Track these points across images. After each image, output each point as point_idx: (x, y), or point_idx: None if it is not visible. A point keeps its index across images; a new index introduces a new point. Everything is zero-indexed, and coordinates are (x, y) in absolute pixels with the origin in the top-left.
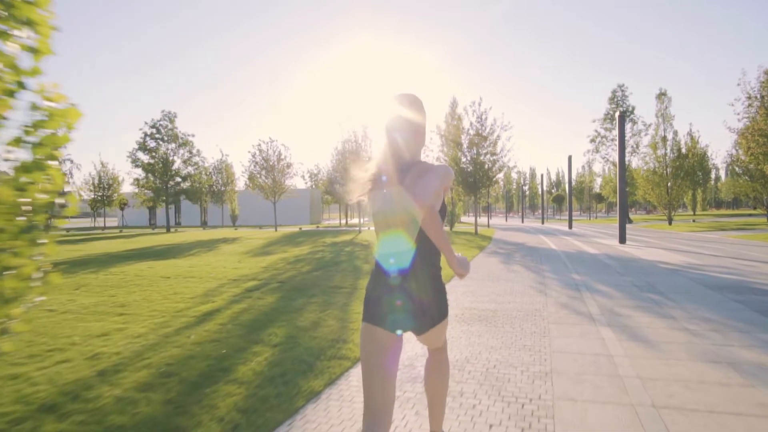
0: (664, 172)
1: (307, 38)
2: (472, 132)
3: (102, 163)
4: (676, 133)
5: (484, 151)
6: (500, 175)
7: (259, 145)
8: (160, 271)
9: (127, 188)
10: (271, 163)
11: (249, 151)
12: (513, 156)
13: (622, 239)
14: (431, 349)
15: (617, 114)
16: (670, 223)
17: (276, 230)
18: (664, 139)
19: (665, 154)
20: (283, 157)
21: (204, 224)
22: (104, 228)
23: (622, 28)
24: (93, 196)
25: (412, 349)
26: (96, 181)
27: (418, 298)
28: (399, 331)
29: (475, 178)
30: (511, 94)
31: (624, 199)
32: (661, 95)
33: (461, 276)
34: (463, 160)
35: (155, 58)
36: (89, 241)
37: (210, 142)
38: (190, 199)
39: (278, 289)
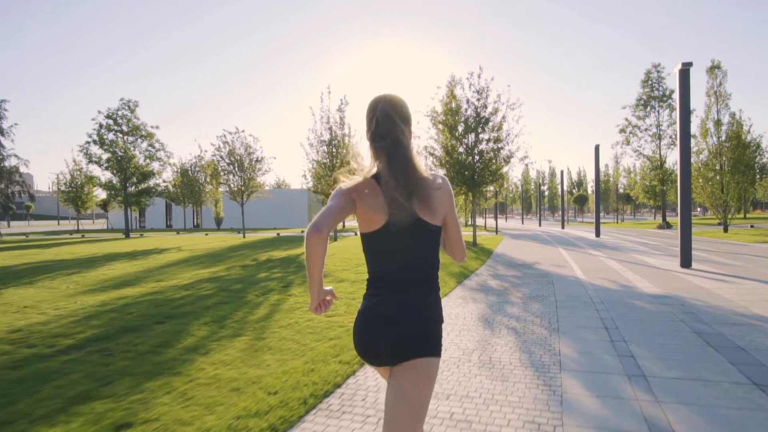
0: (719, 164)
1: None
2: (470, 111)
3: (75, 161)
4: (733, 115)
5: (486, 137)
6: (506, 168)
7: (224, 136)
8: None
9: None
10: (237, 158)
11: (212, 144)
12: (523, 143)
13: (686, 262)
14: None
15: (677, 69)
16: (725, 230)
17: (244, 236)
18: (718, 123)
19: (719, 142)
20: (252, 150)
21: (197, 227)
22: (72, 232)
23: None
24: (65, 197)
25: None
26: (68, 180)
27: (397, 302)
28: None
29: (474, 171)
30: (530, 94)
31: (687, 202)
32: (713, 68)
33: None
34: (460, 149)
35: (169, 60)
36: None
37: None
38: (172, 200)
39: None
